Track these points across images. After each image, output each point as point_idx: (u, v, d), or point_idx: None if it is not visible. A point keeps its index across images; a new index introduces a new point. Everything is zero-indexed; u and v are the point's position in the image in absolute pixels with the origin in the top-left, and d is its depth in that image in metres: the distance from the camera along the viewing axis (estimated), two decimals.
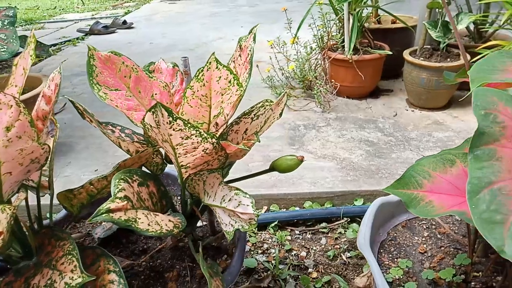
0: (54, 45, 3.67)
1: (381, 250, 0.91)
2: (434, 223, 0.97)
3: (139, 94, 0.71)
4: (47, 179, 0.81)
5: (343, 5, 1.82)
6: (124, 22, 4.32)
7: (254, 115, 0.71)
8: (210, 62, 0.57)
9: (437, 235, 0.93)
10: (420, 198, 0.60)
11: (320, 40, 2.09)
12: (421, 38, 1.91)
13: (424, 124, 1.80)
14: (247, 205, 0.55)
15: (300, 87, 2.21)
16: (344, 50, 1.97)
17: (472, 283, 0.77)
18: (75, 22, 5.07)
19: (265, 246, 1.22)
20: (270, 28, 3.62)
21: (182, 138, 0.55)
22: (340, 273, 1.12)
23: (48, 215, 0.80)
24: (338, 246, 1.21)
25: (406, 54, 1.91)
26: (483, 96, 0.45)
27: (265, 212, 1.37)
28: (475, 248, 0.81)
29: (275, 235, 1.25)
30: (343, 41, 1.98)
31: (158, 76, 0.78)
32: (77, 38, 3.96)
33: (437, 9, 1.83)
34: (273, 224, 1.28)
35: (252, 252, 1.20)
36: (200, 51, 3.18)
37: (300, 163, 0.75)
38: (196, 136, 0.55)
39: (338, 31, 2.06)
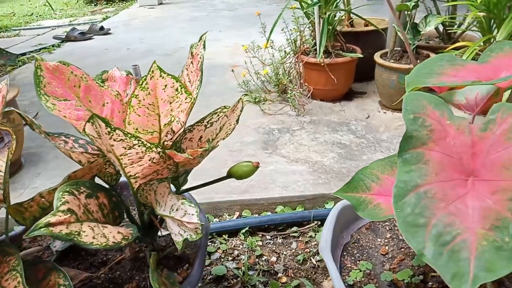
0: (28, 53, 3.60)
1: (344, 253, 0.92)
2: (397, 224, 0.98)
3: (89, 103, 0.70)
4: (2, 192, 0.79)
5: (313, 9, 1.84)
6: (102, 28, 4.27)
7: (208, 122, 0.71)
8: (153, 71, 0.57)
9: (399, 236, 0.94)
10: (368, 201, 0.61)
11: (294, 44, 2.10)
12: (392, 41, 1.94)
13: (395, 126, 1.82)
14: (192, 214, 0.55)
15: (276, 91, 2.22)
16: (317, 53, 1.98)
17: (430, 283, 0.78)
18: (52, 29, 4.99)
19: (236, 252, 1.22)
20: (249, 32, 3.63)
21: (125, 148, 0.55)
22: (309, 277, 1.12)
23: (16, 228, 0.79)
24: (308, 250, 1.22)
25: (377, 56, 1.93)
26: (414, 100, 0.46)
27: (237, 218, 1.37)
28: None
29: (246, 241, 1.25)
30: (316, 44, 2.00)
31: (111, 84, 0.77)
32: (53, 45, 3.90)
33: (406, 12, 1.86)
34: (244, 230, 1.28)
35: (222, 259, 1.20)
36: (178, 56, 3.17)
37: (255, 170, 0.75)
38: (139, 146, 0.55)
39: (310, 34, 2.08)
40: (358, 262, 0.88)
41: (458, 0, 1.79)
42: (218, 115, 0.72)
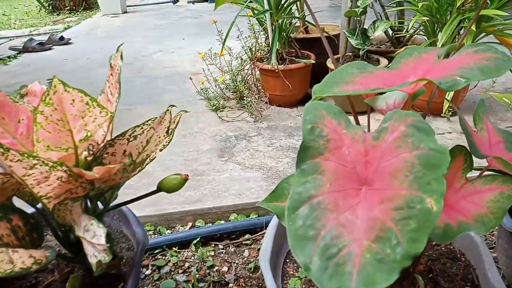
0: None
1: (287, 260, 0.91)
2: None
3: (3, 120, 0.66)
4: None
5: (264, 16, 1.85)
6: (62, 38, 4.14)
7: (130, 136, 0.69)
8: (55, 85, 0.54)
9: None
10: None
11: (250, 51, 2.11)
12: (343, 46, 1.98)
13: None
14: (100, 236, 0.52)
15: (234, 98, 2.21)
16: (273, 60, 1.99)
17: None
18: (10, 39, 4.79)
19: (187, 264, 1.19)
20: (213, 40, 3.61)
21: (26, 169, 0.52)
22: (260, 285, 1.11)
23: None
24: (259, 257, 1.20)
25: (329, 62, 1.96)
26: (313, 110, 0.46)
27: (189, 228, 1.34)
28: None
29: (197, 253, 1.22)
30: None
31: (31, 99, 0.74)
32: (9, 57, 3.75)
33: (355, 17, 1.90)
34: (195, 241, 1.25)
35: (172, 273, 1.17)
36: (138, 65, 3.11)
37: (184, 182, 0.73)
38: (41, 165, 0.52)
39: (265, 41, 2.09)
40: (300, 268, 0.87)
41: (402, 6, 1.85)
42: (142, 128, 0.70)
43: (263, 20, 1.94)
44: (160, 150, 0.87)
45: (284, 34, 2.06)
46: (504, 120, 1.81)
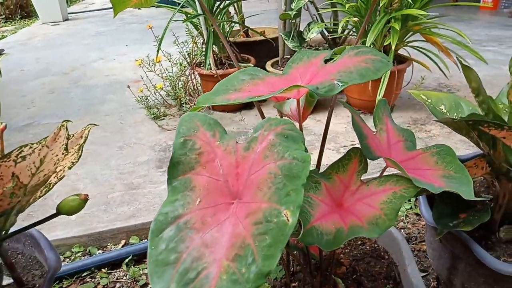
0: None
1: None
2: None
3: None
4: None
5: (198, 20, 1.82)
6: None
7: (17, 156, 0.63)
8: None
9: None
10: None
11: (189, 56, 2.06)
12: (281, 49, 1.99)
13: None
14: None
15: (175, 105, 2.16)
16: (212, 65, 1.96)
17: None
18: None
19: (118, 285, 1.13)
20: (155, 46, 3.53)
21: None
22: None
23: None
24: None
25: (268, 65, 1.97)
26: (187, 122, 0.43)
27: (122, 246, 1.27)
28: (293, 259, 0.82)
29: (129, 272, 1.16)
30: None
31: None
32: None
33: (290, 20, 1.92)
34: (127, 260, 1.19)
35: None
36: (76, 74, 2.96)
37: (84, 203, 0.68)
38: None
39: (202, 46, 2.05)
40: None
41: (335, 7, 1.89)
42: (32, 147, 0.64)
43: (198, 24, 1.91)
44: (69, 168, 0.81)
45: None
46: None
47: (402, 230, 1.29)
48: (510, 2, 4.59)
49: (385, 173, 0.61)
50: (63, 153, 0.71)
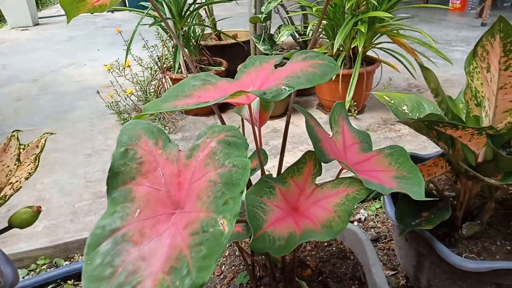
0: None
1: None
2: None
3: None
4: None
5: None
6: None
7: None
8: None
9: (236, 252, 0.92)
10: None
11: (159, 60, 2.04)
12: (252, 52, 1.99)
13: (263, 134, 1.86)
14: None
15: None
16: (183, 69, 1.95)
17: None
18: None
19: None
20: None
21: None
22: None
23: None
24: None
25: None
26: (129, 131, 0.42)
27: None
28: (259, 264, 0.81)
29: None
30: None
31: None
32: None
33: (261, 23, 1.92)
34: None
35: None
36: (46, 81, 2.88)
37: (37, 215, 0.66)
38: None
39: (172, 50, 2.03)
40: None
41: (305, 10, 1.90)
42: None
43: (168, 28, 1.89)
44: (26, 179, 0.79)
45: (193, 41, 2.03)
46: None
47: (372, 229, 1.30)
48: (476, 3, 4.75)
49: (342, 175, 0.61)
50: (15, 164, 0.69)
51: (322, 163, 0.58)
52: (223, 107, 2.18)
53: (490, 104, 0.79)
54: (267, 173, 0.64)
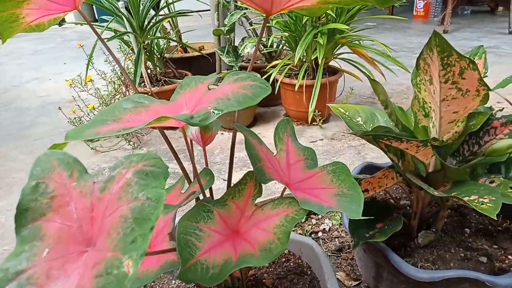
0: None
1: None
2: None
3: None
4: None
5: (128, 37, 1.77)
6: None
7: None
8: None
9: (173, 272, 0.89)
10: None
11: (121, 74, 2.00)
12: (218, 65, 1.98)
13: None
14: None
15: None
16: (146, 83, 1.92)
17: None
18: None
19: None
20: (98, 63, 3.40)
21: None
22: None
23: None
24: None
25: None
26: (43, 162, 0.40)
27: None
28: None
29: None
30: (149, 73, 1.93)
31: None
32: None
33: (225, 36, 1.92)
34: None
35: None
36: (8, 97, 2.78)
37: None
38: None
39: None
40: None
41: (268, 23, 1.91)
42: None
43: (129, 41, 1.86)
44: None
45: (158, 54, 2.00)
46: None
47: (336, 239, 1.31)
48: (438, 11, 4.94)
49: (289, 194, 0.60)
50: None
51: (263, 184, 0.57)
52: None
53: (436, 115, 0.81)
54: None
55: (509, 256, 0.91)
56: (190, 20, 4.98)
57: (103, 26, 1.76)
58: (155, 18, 1.84)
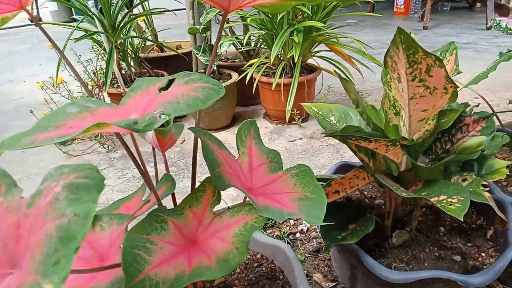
0: None
1: None
2: None
3: None
4: None
5: (99, 36, 1.72)
6: None
7: None
8: None
9: None
10: None
11: (94, 74, 1.94)
12: (194, 64, 1.94)
13: None
14: None
15: None
16: (121, 83, 1.86)
17: None
18: None
19: None
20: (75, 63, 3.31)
21: None
22: None
23: None
24: None
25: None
26: None
27: None
28: None
29: None
30: (122, 74, 1.87)
31: None
32: None
33: (201, 34, 1.88)
34: None
35: None
36: None
37: None
38: None
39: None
40: None
41: (245, 21, 1.89)
42: None
43: (101, 41, 1.81)
44: None
45: (132, 54, 1.95)
46: None
47: (314, 240, 1.29)
48: (419, 7, 4.98)
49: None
50: None
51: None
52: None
53: (405, 113, 0.79)
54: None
55: (483, 254, 0.91)
56: (170, 19, 4.92)
57: (74, 26, 1.71)
58: (127, 16, 1.79)
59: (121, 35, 1.77)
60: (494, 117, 1.54)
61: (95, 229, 0.56)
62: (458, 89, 0.70)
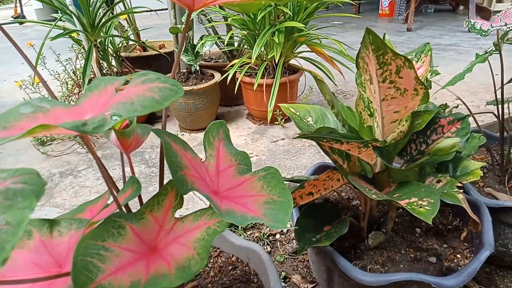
0: None
1: None
2: None
3: None
4: None
5: (78, 34, 1.68)
6: None
7: None
8: None
9: None
10: None
11: (74, 74, 1.91)
12: (176, 62, 1.91)
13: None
14: None
15: None
16: None
17: None
18: None
19: None
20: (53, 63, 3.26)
21: None
22: None
23: None
24: None
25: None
26: None
27: None
28: None
29: None
30: (102, 73, 1.84)
31: None
32: None
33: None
34: None
35: None
36: None
37: None
38: None
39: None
40: None
41: (222, 21, 1.87)
42: None
43: (80, 40, 1.77)
44: None
45: (113, 53, 1.92)
46: None
47: (293, 241, 1.28)
48: (403, 9, 5.03)
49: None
50: None
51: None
52: (149, 119, 2.09)
53: (378, 115, 0.79)
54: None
55: (458, 255, 0.91)
56: (158, 18, 4.87)
57: (52, 24, 1.67)
58: (107, 15, 1.76)
59: (101, 34, 1.73)
60: (471, 119, 1.55)
61: (53, 234, 0.54)
62: (438, 90, 0.69)
